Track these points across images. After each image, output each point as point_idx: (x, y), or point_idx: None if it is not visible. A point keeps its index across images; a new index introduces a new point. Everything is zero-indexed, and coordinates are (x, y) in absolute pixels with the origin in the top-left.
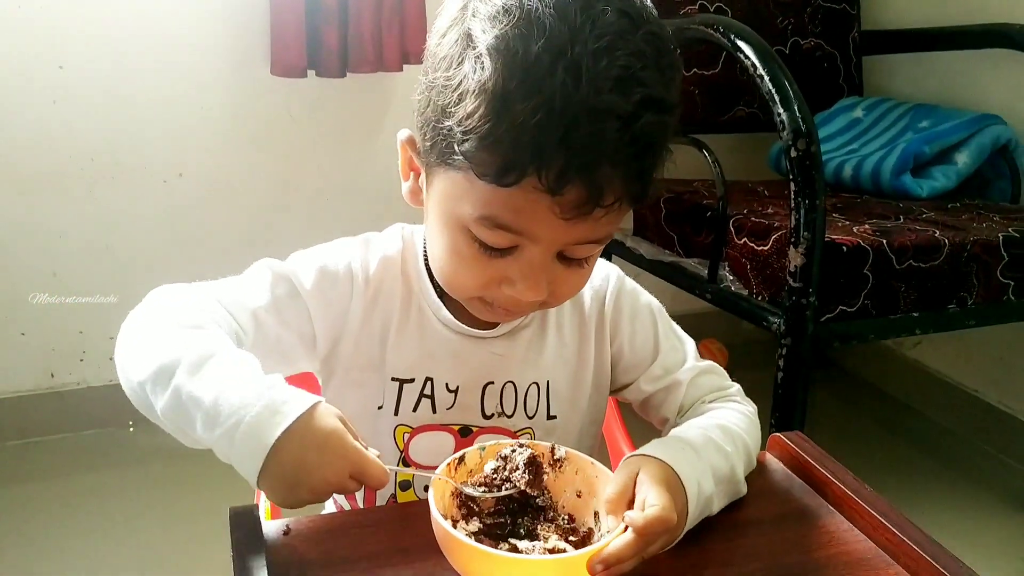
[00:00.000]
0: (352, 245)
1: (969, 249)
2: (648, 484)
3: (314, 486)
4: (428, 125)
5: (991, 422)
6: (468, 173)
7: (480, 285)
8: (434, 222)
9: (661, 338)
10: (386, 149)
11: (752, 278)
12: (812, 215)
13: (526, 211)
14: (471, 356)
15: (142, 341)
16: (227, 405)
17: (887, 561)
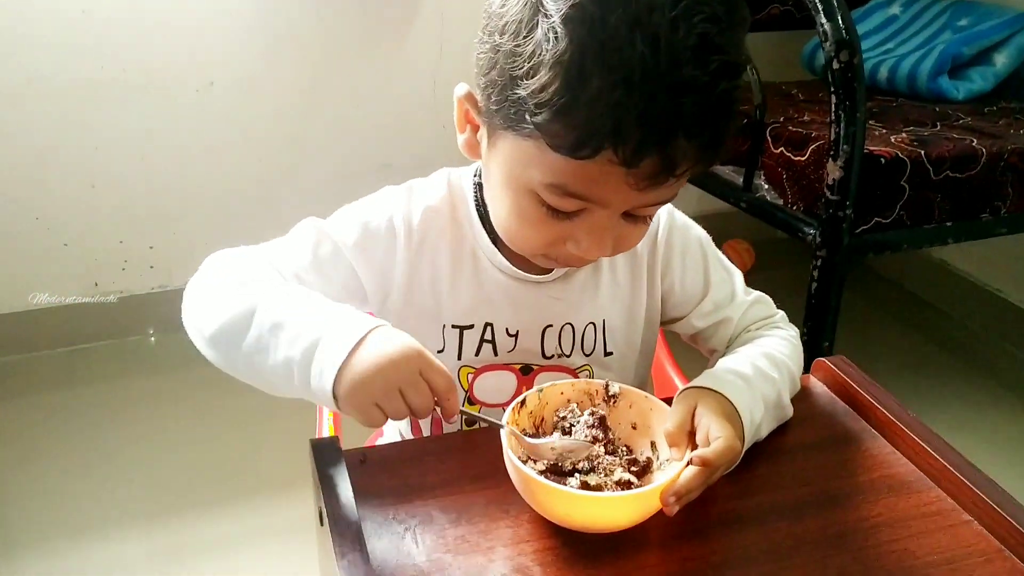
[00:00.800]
0: (394, 197)
1: (1006, 158)
2: (709, 416)
3: (391, 391)
4: (494, 88)
5: (1012, 321)
6: (539, 142)
7: (545, 244)
8: (497, 181)
9: (711, 273)
10: (416, 53)
11: (788, 188)
12: (852, 128)
13: (599, 182)
14: (529, 301)
15: (212, 300)
16: (313, 317)
17: (928, 484)
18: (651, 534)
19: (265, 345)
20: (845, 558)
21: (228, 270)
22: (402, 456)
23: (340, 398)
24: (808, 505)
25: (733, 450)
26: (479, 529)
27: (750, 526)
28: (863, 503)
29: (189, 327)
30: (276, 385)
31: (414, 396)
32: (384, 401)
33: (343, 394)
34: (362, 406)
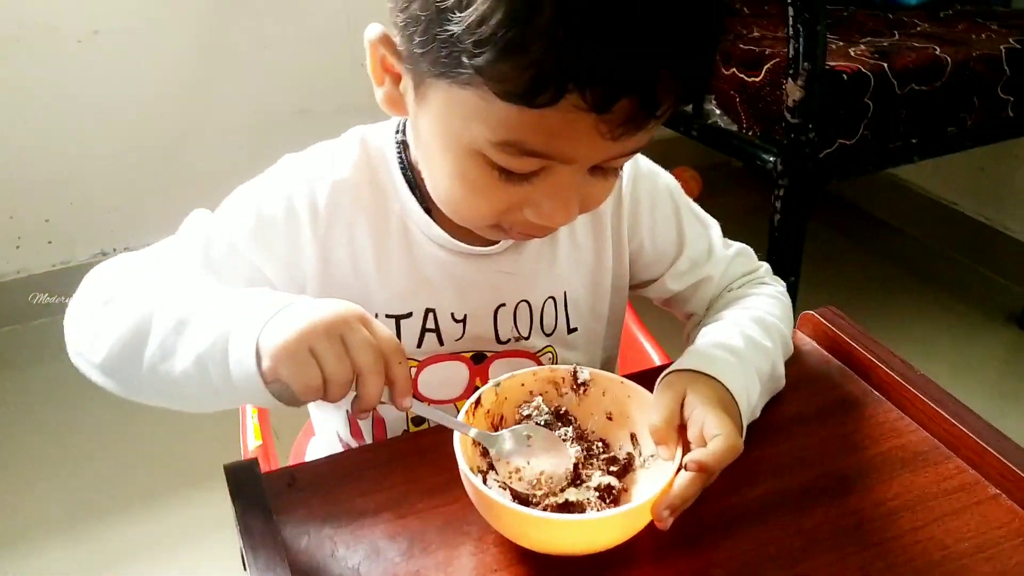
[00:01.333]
0: (294, 172)
1: (971, 67)
2: (702, 407)
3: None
4: (417, 26)
5: (968, 235)
6: (482, 90)
7: (496, 212)
8: (432, 142)
9: (685, 226)
10: None
11: (742, 112)
12: (812, 43)
13: (563, 133)
14: (476, 278)
15: (100, 321)
16: (221, 304)
17: (946, 454)
18: (639, 547)
19: (171, 349)
20: (865, 555)
21: (111, 286)
22: (338, 472)
23: (267, 370)
24: (815, 492)
25: (734, 449)
26: (437, 560)
27: (752, 526)
28: (876, 483)
29: (75, 357)
30: (191, 394)
31: (358, 349)
32: (323, 352)
33: (270, 362)
34: (297, 365)
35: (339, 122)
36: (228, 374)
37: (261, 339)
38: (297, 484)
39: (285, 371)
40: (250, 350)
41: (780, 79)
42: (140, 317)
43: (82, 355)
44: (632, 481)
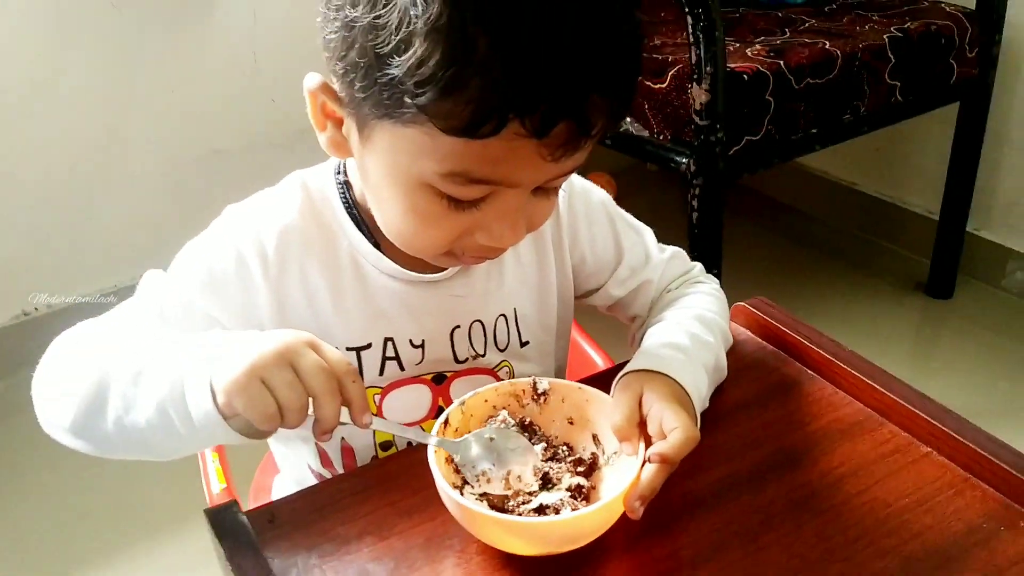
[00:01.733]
0: (239, 224)
1: (860, 57)
2: (659, 404)
3: (282, 368)
4: (357, 72)
5: (871, 212)
6: (427, 127)
7: (448, 241)
8: (381, 180)
9: (621, 236)
10: (228, 23)
11: (652, 118)
12: (713, 49)
13: (507, 160)
14: (429, 305)
15: (62, 387)
16: (173, 351)
17: (879, 421)
18: (614, 538)
19: (132, 400)
20: (820, 522)
21: (73, 352)
22: (315, 504)
23: (223, 406)
24: (766, 471)
25: (692, 439)
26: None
27: (714, 508)
28: (821, 456)
29: (46, 424)
30: (159, 442)
31: (309, 374)
32: (274, 381)
33: (224, 398)
34: (250, 397)
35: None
36: (189, 417)
37: (214, 377)
38: (277, 520)
39: (240, 404)
40: (205, 390)
41: (685, 84)
42: (100, 375)
43: (51, 421)
44: (599, 479)
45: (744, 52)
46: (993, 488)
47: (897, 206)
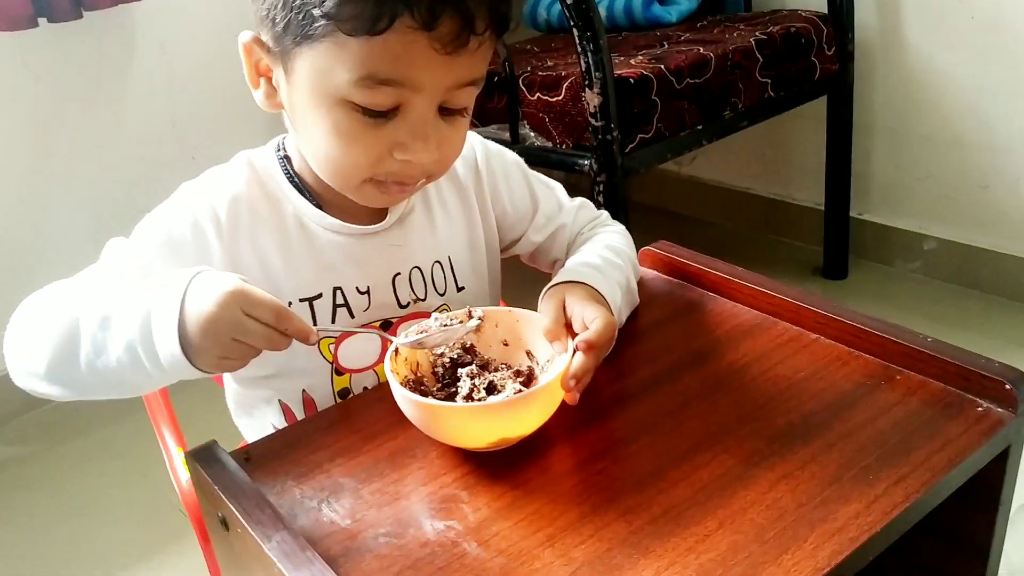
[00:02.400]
0: (193, 195)
1: (732, 58)
2: (579, 304)
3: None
4: (276, 6)
5: (764, 211)
6: (335, 37)
7: (371, 161)
8: (306, 110)
9: (535, 189)
10: (144, 88)
11: (552, 129)
12: (599, 55)
13: (405, 56)
14: (371, 254)
15: (35, 337)
16: (135, 296)
17: (773, 321)
18: (553, 430)
19: (102, 344)
20: (732, 397)
21: (41, 307)
22: (286, 442)
23: (193, 356)
24: (682, 367)
25: (612, 326)
26: (392, 479)
27: (640, 399)
28: (727, 351)
29: (22, 376)
30: (128, 380)
31: (253, 338)
32: (231, 351)
33: (195, 351)
34: (217, 353)
35: None
36: (157, 357)
37: (183, 323)
38: (253, 458)
39: (213, 363)
40: (172, 335)
41: (579, 93)
42: (69, 322)
43: (27, 370)
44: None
45: (628, 62)
46: (872, 356)
47: (786, 202)
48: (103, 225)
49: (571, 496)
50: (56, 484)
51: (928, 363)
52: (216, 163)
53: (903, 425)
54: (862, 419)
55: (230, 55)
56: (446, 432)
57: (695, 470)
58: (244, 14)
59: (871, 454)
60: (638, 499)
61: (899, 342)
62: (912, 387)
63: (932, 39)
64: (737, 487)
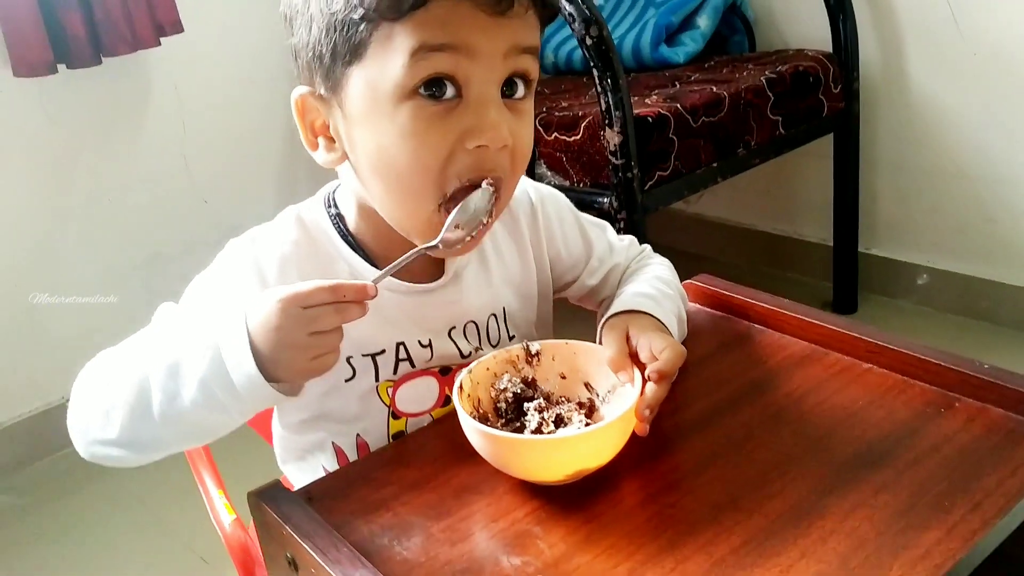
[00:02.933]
0: (241, 256)
1: (744, 96)
2: (644, 334)
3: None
4: (321, 37)
5: (771, 247)
6: (380, 30)
7: (442, 159)
8: (370, 133)
9: (588, 231)
10: (158, 131)
11: (570, 168)
12: (619, 95)
13: (451, 20)
14: (428, 310)
15: (103, 407)
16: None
17: (823, 351)
18: (620, 464)
19: (174, 391)
20: (794, 427)
21: (102, 376)
22: (347, 481)
23: (277, 373)
24: (738, 399)
25: (681, 355)
26: (462, 516)
27: (702, 430)
28: (782, 383)
29: (90, 446)
30: (204, 422)
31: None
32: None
33: (280, 366)
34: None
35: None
36: (232, 386)
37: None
38: (315, 497)
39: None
40: (248, 363)
41: (597, 132)
42: (137, 381)
43: (96, 440)
44: (600, 418)
45: (644, 102)
46: (927, 384)
47: (793, 238)
48: (114, 265)
49: (647, 529)
50: (64, 536)
51: (987, 390)
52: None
53: (969, 452)
54: (927, 447)
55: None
56: (523, 466)
57: (768, 500)
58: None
59: (941, 481)
60: (716, 530)
61: (957, 369)
62: (972, 414)
63: (935, 76)
64: (813, 516)
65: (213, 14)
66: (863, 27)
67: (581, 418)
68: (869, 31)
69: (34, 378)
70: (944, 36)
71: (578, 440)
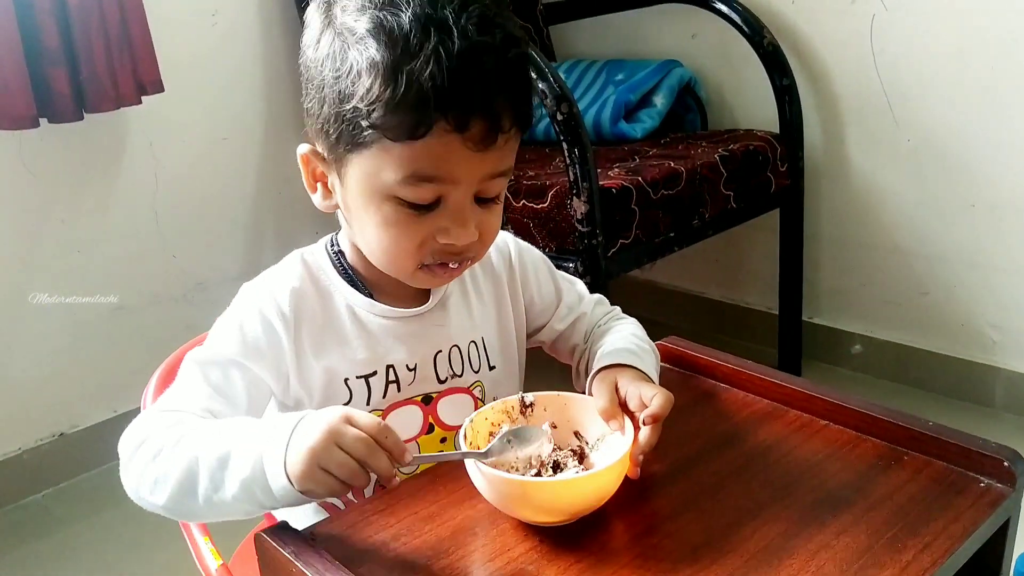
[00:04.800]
0: (258, 294)
1: (700, 171)
2: (633, 384)
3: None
4: (330, 121)
5: (718, 314)
6: (382, 143)
7: (418, 246)
8: (359, 208)
9: (559, 282)
10: (131, 186)
11: (536, 234)
12: (586, 167)
13: (443, 155)
14: (417, 334)
15: (151, 474)
16: (248, 439)
17: (784, 409)
18: (604, 508)
19: (219, 482)
20: (761, 477)
21: (152, 442)
22: (347, 523)
23: (297, 484)
24: (709, 450)
25: (670, 400)
26: (460, 555)
27: (676, 479)
28: (747, 436)
29: (140, 501)
30: (241, 511)
31: (353, 448)
32: (330, 465)
33: (299, 487)
34: (318, 484)
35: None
36: (271, 493)
37: (288, 464)
38: (318, 538)
39: (313, 489)
40: (281, 473)
41: (564, 201)
42: (188, 462)
43: (146, 500)
44: (591, 464)
45: (607, 174)
46: (879, 439)
47: (741, 306)
48: (80, 319)
49: (633, 568)
50: None
51: (931, 444)
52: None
53: (918, 500)
54: (880, 494)
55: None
56: (531, 507)
57: (742, 542)
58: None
59: (895, 525)
60: (696, 568)
61: (904, 426)
62: (919, 466)
63: (873, 157)
64: (783, 556)
65: (191, 75)
66: (807, 110)
67: (575, 463)
68: (813, 114)
69: None
70: (881, 123)
71: (584, 482)
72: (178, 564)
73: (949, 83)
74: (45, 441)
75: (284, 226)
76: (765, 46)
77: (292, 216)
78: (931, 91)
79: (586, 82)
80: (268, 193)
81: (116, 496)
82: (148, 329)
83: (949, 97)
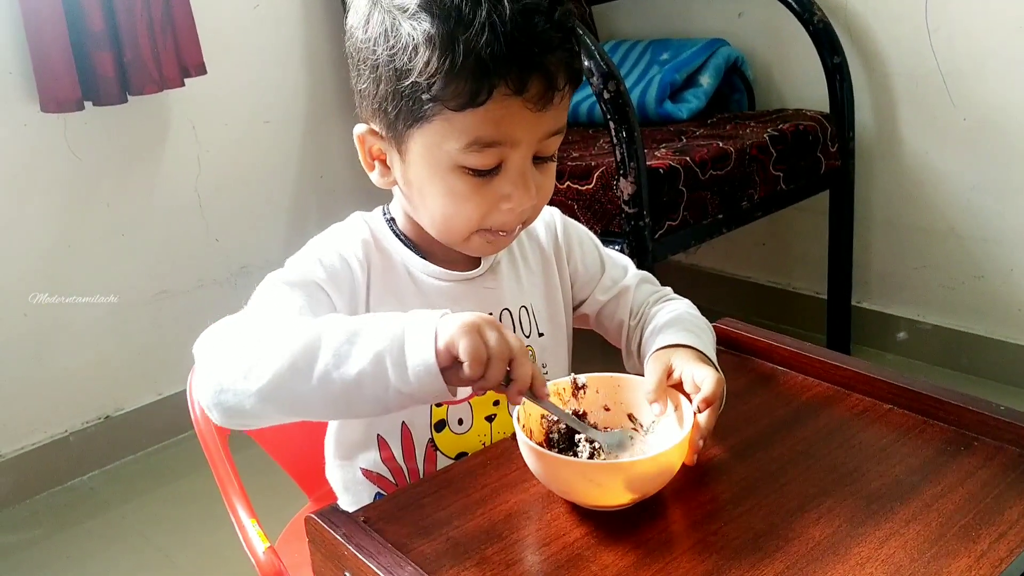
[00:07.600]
0: (331, 238)
1: (749, 152)
2: (687, 366)
3: (495, 338)
4: (388, 99)
5: (765, 299)
6: (443, 114)
7: (482, 214)
8: (423, 181)
9: (603, 255)
10: (174, 169)
11: (581, 216)
12: (633, 147)
13: (504, 119)
14: (470, 296)
15: (256, 355)
16: (387, 318)
17: (845, 393)
18: (661, 495)
19: (345, 356)
20: (824, 462)
21: (249, 332)
22: (398, 505)
23: (445, 346)
24: (768, 436)
25: (721, 382)
26: (513, 540)
27: (736, 465)
28: (808, 421)
29: (222, 395)
30: (357, 397)
31: (509, 339)
32: (488, 335)
33: (448, 339)
34: (472, 340)
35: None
36: (404, 366)
37: (439, 327)
38: (370, 520)
39: (462, 346)
40: (428, 338)
41: (610, 182)
42: (308, 339)
43: (230, 390)
44: (646, 445)
45: (654, 155)
46: (946, 424)
47: (787, 291)
48: (124, 302)
49: (693, 554)
50: (68, 571)
51: (1004, 429)
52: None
53: (991, 487)
54: (951, 481)
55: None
56: (588, 490)
57: (805, 528)
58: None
59: (967, 513)
60: (759, 556)
61: (974, 410)
62: (990, 452)
63: (927, 138)
64: (850, 543)
65: (234, 57)
66: (858, 90)
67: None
68: (864, 93)
69: (38, 409)
70: (936, 102)
71: (646, 464)
72: (225, 546)
73: (1007, 60)
74: (91, 424)
75: (326, 209)
76: (816, 23)
77: (334, 199)
78: (988, 69)
79: (630, 62)
80: (310, 176)
81: (162, 478)
82: (192, 313)
83: (1007, 75)
